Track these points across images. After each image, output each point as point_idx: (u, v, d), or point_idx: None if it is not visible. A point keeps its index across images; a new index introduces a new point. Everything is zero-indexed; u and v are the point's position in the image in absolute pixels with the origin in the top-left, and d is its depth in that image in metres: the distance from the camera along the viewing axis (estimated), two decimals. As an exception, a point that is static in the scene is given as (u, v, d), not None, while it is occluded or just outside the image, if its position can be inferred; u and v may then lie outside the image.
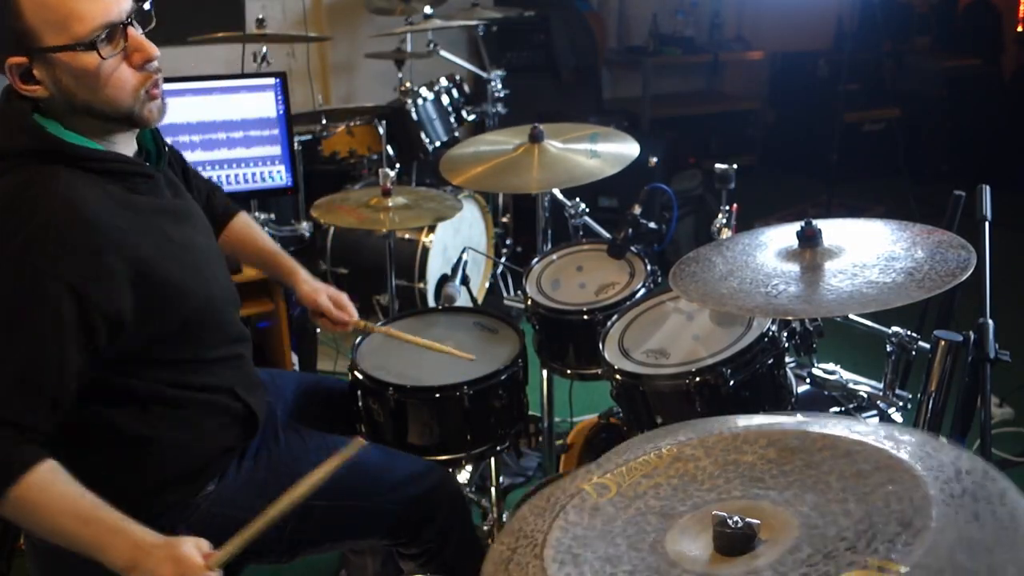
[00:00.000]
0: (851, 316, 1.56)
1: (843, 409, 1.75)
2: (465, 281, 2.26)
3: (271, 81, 2.57)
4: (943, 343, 1.40)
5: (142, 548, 1.15)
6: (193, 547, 1.16)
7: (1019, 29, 5.60)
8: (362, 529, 1.57)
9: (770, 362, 1.59)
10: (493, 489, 2.13)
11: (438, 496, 1.60)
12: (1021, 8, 5.57)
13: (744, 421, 0.97)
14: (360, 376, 1.80)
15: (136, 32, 1.23)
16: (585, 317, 1.92)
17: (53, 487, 1.15)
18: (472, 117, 3.76)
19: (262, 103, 2.58)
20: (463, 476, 2.35)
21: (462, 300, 2.25)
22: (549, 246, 2.39)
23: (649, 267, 2.01)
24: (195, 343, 1.37)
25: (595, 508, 0.91)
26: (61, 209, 1.16)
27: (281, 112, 2.61)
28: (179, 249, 1.32)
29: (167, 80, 1.32)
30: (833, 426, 0.89)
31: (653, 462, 0.95)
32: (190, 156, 2.39)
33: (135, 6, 1.23)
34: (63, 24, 1.15)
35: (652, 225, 2.04)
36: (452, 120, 3.62)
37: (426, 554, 1.62)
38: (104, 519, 1.17)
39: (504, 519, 2.10)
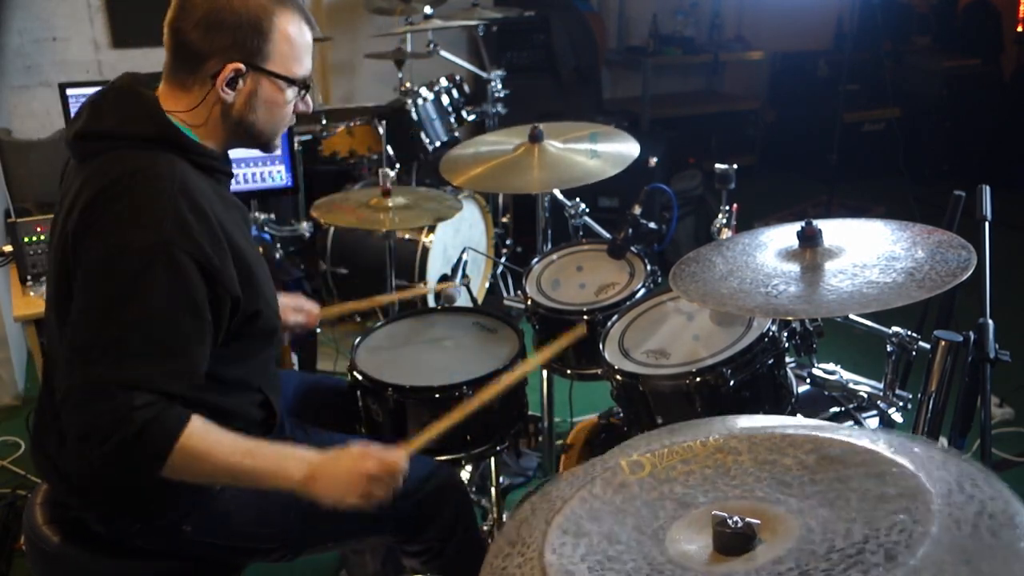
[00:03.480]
0: (851, 316, 1.56)
1: (843, 409, 1.75)
2: (465, 281, 2.26)
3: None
4: (943, 343, 1.40)
5: (321, 461, 1.29)
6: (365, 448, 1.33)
7: (1019, 29, 5.60)
8: (367, 528, 1.57)
9: (770, 362, 1.59)
10: (493, 489, 2.13)
11: (443, 496, 1.61)
12: (1021, 8, 5.57)
13: (812, 429, 0.92)
14: (360, 376, 1.80)
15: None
16: (585, 317, 1.92)
17: (211, 434, 1.23)
18: (472, 117, 3.76)
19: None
20: (463, 476, 2.35)
21: (462, 300, 2.25)
22: (549, 246, 2.39)
23: (649, 267, 2.00)
24: (247, 336, 1.40)
25: (622, 484, 0.91)
26: (180, 192, 1.26)
27: (281, 112, 2.61)
28: (251, 243, 1.42)
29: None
30: (899, 448, 0.85)
31: (696, 449, 0.94)
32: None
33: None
34: (291, 60, 1.36)
35: (652, 225, 2.04)
36: (452, 120, 3.62)
37: (429, 552, 1.62)
38: (268, 449, 1.29)
39: (504, 519, 2.10)
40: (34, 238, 2.43)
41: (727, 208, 1.99)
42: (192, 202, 1.25)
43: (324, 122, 3.37)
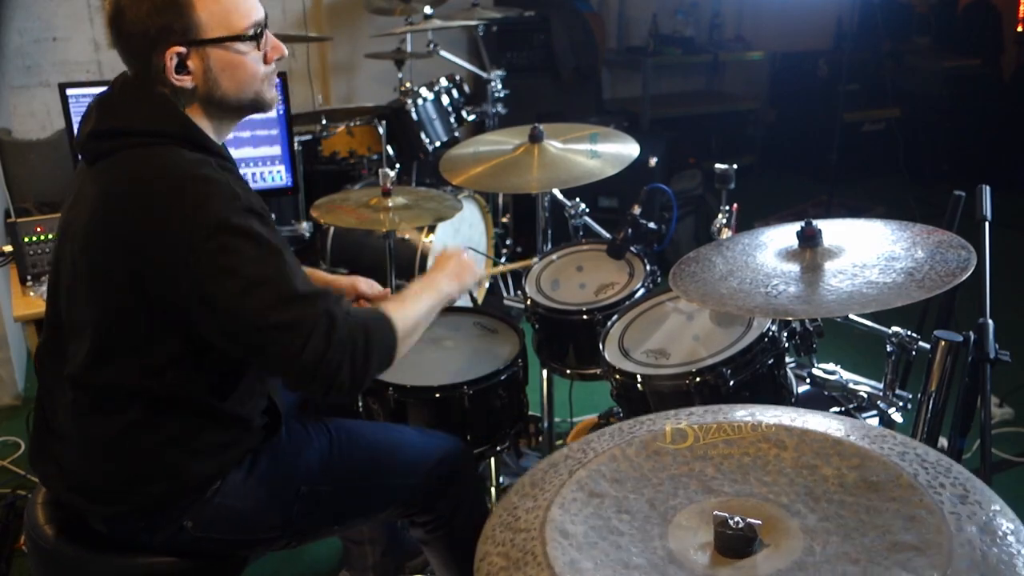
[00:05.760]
0: (851, 316, 1.56)
1: (843, 409, 1.76)
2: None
3: (271, 81, 2.57)
4: (943, 343, 1.40)
5: (445, 273, 1.58)
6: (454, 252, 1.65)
7: (1019, 29, 5.60)
8: (376, 508, 1.58)
9: (770, 362, 1.59)
10: (493, 489, 2.13)
11: (453, 468, 1.62)
12: (1021, 8, 5.57)
13: (873, 441, 0.87)
14: (360, 376, 1.79)
15: (269, 32, 1.36)
16: (585, 317, 1.92)
17: (401, 306, 1.43)
18: (472, 117, 3.75)
19: (262, 103, 2.57)
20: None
21: (462, 300, 2.24)
22: (549, 246, 2.39)
23: (649, 267, 2.01)
24: None
25: (657, 451, 0.89)
26: (218, 172, 1.27)
27: (281, 112, 2.61)
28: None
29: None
30: (937, 488, 0.79)
31: (744, 431, 0.91)
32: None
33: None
34: (226, 17, 1.27)
35: (652, 225, 2.04)
36: (452, 120, 3.62)
37: (436, 521, 1.64)
38: (423, 285, 1.53)
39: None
40: (34, 238, 2.43)
41: (727, 208, 2.00)
42: (225, 179, 1.26)
43: (324, 122, 3.37)
